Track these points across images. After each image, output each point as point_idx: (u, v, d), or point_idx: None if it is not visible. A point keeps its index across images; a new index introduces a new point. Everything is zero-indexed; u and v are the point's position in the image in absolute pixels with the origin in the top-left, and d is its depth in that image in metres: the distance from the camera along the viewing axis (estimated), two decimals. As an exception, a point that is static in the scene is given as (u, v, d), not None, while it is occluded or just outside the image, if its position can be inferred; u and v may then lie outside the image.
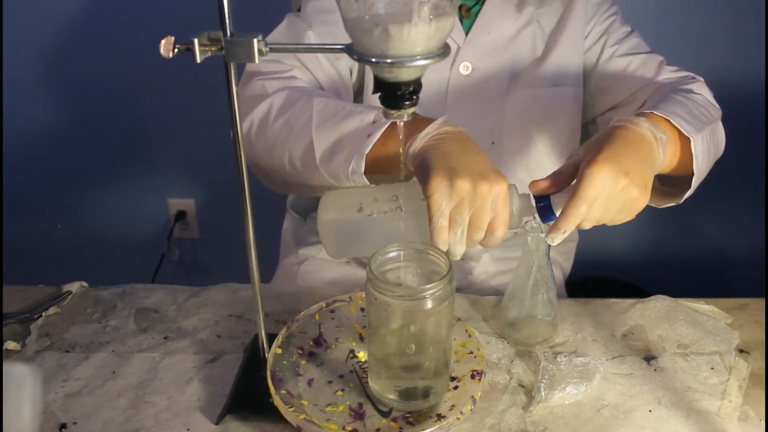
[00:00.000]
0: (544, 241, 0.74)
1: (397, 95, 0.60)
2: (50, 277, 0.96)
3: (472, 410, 0.70)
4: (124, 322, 0.86)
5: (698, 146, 0.78)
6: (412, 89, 0.60)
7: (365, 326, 0.77)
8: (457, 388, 0.72)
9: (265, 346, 0.75)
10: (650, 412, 0.73)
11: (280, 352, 0.76)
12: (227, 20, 0.57)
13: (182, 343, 0.83)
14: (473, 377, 0.73)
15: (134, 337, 0.84)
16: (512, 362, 0.79)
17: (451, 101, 0.98)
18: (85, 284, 0.93)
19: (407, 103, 0.61)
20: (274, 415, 0.70)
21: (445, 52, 0.59)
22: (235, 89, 0.61)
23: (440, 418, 0.69)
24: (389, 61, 0.57)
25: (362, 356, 0.77)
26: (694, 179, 0.81)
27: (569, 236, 0.71)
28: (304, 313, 0.81)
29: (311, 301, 0.86)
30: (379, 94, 0.61)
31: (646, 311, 0.87)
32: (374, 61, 0.57)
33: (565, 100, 0.99)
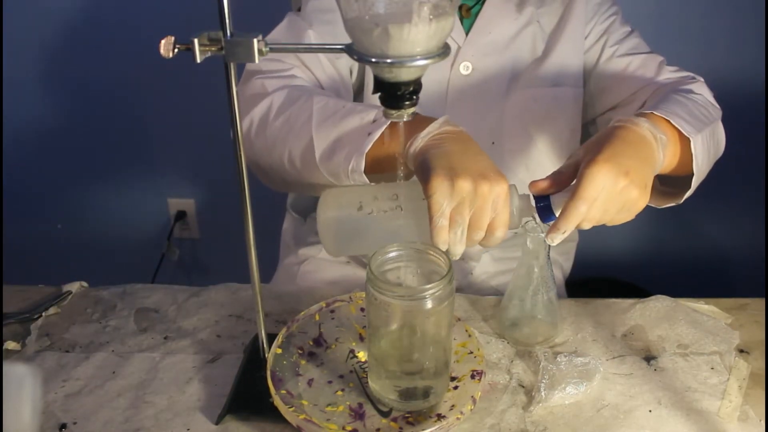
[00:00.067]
0: (544, 241, 0.74)
1: (397, 95, 0.60)
2: (50, 277, 0.96)
3: (472, 410, 0.70)
4: (124, 322, 0.86)
5: (698, 146, 0.78)
6: (412, 89, 0.60)
7: (365, 326, 0.77)
8: (457, 388, 0.72)
9: (265, 346, 0.74)
10: (650, 412, 0.73)
11: (280, 352, 0.76)
12: (227, 20, 0.57)
13: (182, 343, 0.83)
14: (473, 377, 0.73)
15: (134, 337, 0.84)
16: (512, 362, 0.79)
17: (451, 101, 0.98)
18: (85, 284, 0.93)
19: (407, 103, 0.61)
20: (274, 415, 0.70)
21: (445, 52, 0.59)
22: (235, 89, 0.61)
23: (440, 418, 0.69)
24: (389, 61, 0.57)
25: (362, 356, 0.77)
26: (694, 179, 0.81)
27: (569, 236, 0.71)
28: (304, 313, 0.81)
29: (311, 301, 0.86)
30: (379, 94, 0.61)
31: (646, 311, 0.87)
32: (374, 61, 0.57)
33: (565, 100, 0.99)
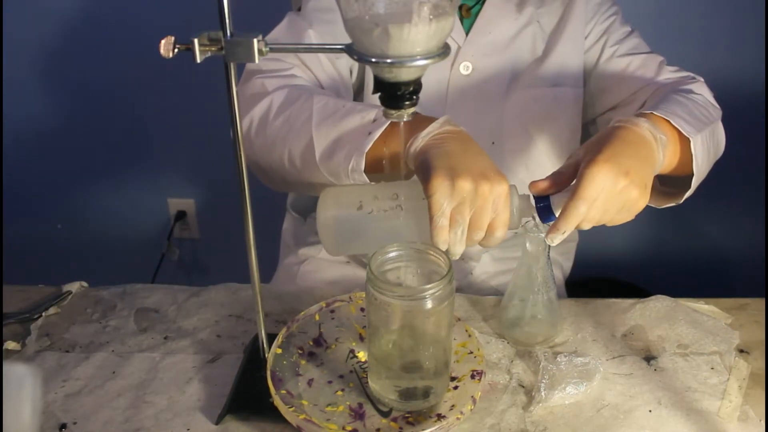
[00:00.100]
0: (543, 241, 0.74)
1: (397, 95, 0.60)
2: (50, 277, 0.96)
3: (472, 410, 0.70)
4: (124, 322, 0.86)
5: (698, 147, 0.78)
6: (412, 89, 0.60)
7: (365, 326, 0.77)
8: (457, 388, 0.72)
9: (265, 346, 0.74)
10: (650, 412, 0.73)
11: (280, 352, 0.76)
12: (227, 20, 0.57)
13: (182, 343, 0.83)
14: (473, 377, 0.73)
15: (134, 337, 0.84)
16: (512, 362, 0.79)
17: (451, 101, 0.98)
18: (85, 284, 0.93)
19: (407, 103, 0.61)
20: (274, 415, 0.70)
21: (445, 52, 0.59)
22: (235, 89, 0.61)
23: (440, 418, 0.69)
24: (389, 61, 0.57)
25: (362, 356, 0.77)
26: (693, 179, 0.81)
27: (569, 236, 0.71)
28: (304, 313, 0.81)
29: (311, 301, 0.86)
30: (379, 94, 0.61)
31: (646, 311, 0.87)
32: (374, 61, 0.57)
33: (565, 100, 0.99)
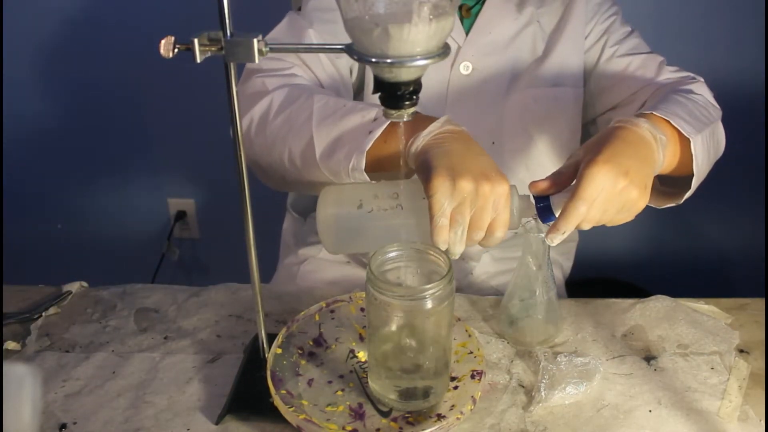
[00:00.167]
0: (543, 241, 0.74)
1: (397, 95, 0.60)
2: (50, 277, 0.96)
3: (472, 410, 0.70)
4: (124, 322, 0.86)
5: (698, 147, 0.78)
6: (412, 89, 0.60)
7: (365, 326, 0.77)
8: (457, 388, 0.72)
9: (265, 346, 0.74)
10: (650, 412, 0.73)
11: (280, 352, 0.76)
12: (227, 20, 0.57)
13: (182, 343, 0.83)
14: (473, 377, 0.73)
15: (134, 337, 0.84)
16: (512, 362, 0.79)
17: (451, 101, 0.98)
18: (85, 284, 0.93)
19: (407, 103, 0.61)
20: (274, 415, 0.70)
21: (445, 52, 0.59)
22: (235, 89, 0.61)
23: (440, 418, 0.69)
24: (389, 61, 0.57)
25: (362, 356, 0.77)
26: (693, 180, 0.81)
27: (569, 236, 0.71)
28: (304, 313, 0.81)
29: (311, 301, 0.86)
30: (379, 94, 0.61)
31: (646, 311, 0.87)
32: (374, 61, 0.57)
33: (565, 100, 0.99)
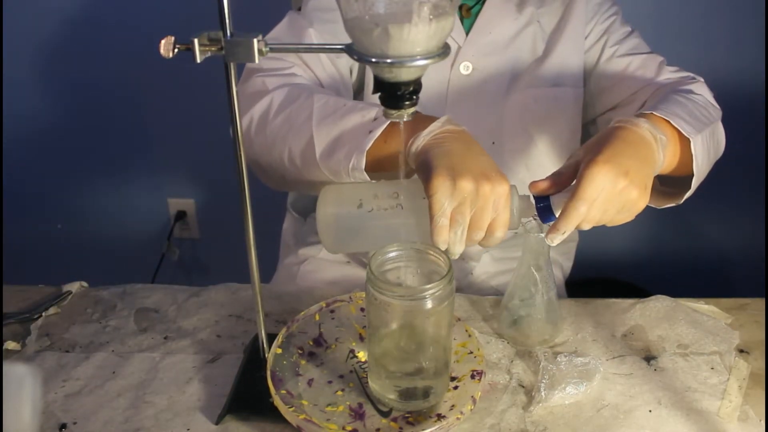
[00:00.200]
0: (543, 241, 0.74)
1: (397, 95, 0.60)
2: (50, 277, 0.96)
3: (472, 410, 0.70)
4: (124, 322, 0.86)
5: (698, 147, 0.78)
6: (412, 89, 0.60)
7: (365, 326, 0.77)
8: (457, 388, 0.72)
9: (265, 346, 0.74)
10: (650, 412, 0.73)
11: (280, 352, 0.76)
12: (227, 20, 0.57)
13: (182, 343, 0.83)
14: (473, 377, 0.73)
15: (134, 337, 0.84)
16: (512, 362, 0.79)
17: (451, 101, 0.98)
18: (85, 284, 0.93)
19: (407, 103, 0.61)
20: (274, 415, 0.70)
21: (445, 52, 0.59)
22: (235, 89, 0.61)
23: (440, 418, 0.69)
24: (389, 61, 0.57)
25: (362, 356, 0.77)
26: (693, 180, 0.81)
27: (569, 236, 0.71)
28: (304, 313, 0.81)
29: (311, 301, 0.86)
30: (379, 94, 0.61)
31: (646, 311, 0.87)
32: (374, 61, 0.57)
33: (565, 100, 0.99)
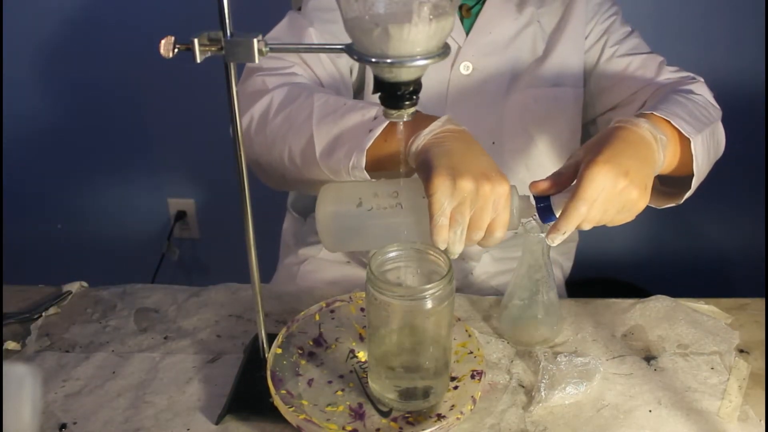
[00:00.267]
0: (544, 241, 0.74)
1: (397, 95, 0.60)
2: (50, 277, 0.96)
3: (472, 410, 0.70)
4: (124, 322, 0.86)
5: (698, 147, 0.78)
6: (412, 89, 0.60)
7: (365, 326, 0.77)
8: (457, 388, 0.72)
9: (265, 346, 0.75)
10: (650, 412, 0.73)
11: (280, 352, 0.76)
12: (227, 20, 0.57)
13: (182, 343, 0.83)
14: (473, 377, 0.73)
15: (134, 337, 0.84)
16: (512, 362, 0.79)
17: (451, 101, 0.98)
18: (85, 284, 0.93)
19: (407, 103, 0.61)
20: (274, 415, 0.70)
21: (445, 52, 0.59)
22: (235, 89, 0.61)
23: (440, 418, 0.69)
24: (389, 61, 0.57)
25: (362, 356, 0.77)
26: (693, 180, 0.81)
27: (569, 236, 0.71)
28: (304, 313, 0.81)
29: (311, 301, 0.86)
30: (379, 94, 0.61)
31: (646, 311, 0.87)
32: (374, 61, 0.57)
33: (565, 100, 0.99)
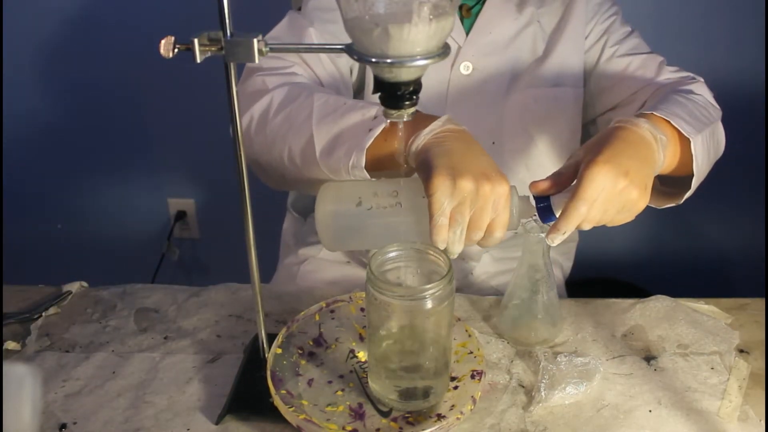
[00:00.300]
0: (543, 241, 0.74)
1: (397, 95, 0.60)
2: (50, 277, 0.96)
3: (472, 410, 0.70)
4: (124, 322, 0.86)
5: (698, 147, 0.78)
6: (412, 89, 0.60)
7: (365, 326, 0.77)
8: (457, 388, 0.72)
9: (265, 346, 0.75)
10: (650, 412, 0.73)
11: (280, 352, 0.76)
12: (227, 20, 0.57)
13: (182, 343, 0.83)
14: (473, 377, 0.73)
15: (134, 337, 0.84)
16: (512, 362, 0.79)
17: (451, 101, 0.98)
18: (85, 284, 0.93)
19: (407, 103, 0.61)
20: (274, 415, 0.70)
21: (445, 52, 0.59)
22: (235, 89, 0.61)
23: (440, 418, 0.69)
24: (389, 61, 0.57)
25: (362, 356, 0.77)
26: (693, 180, 0.81)
27: (569, 236, 0.71)
28: (304, 313, 0.81)
29: (311, 301, 0.86)
30: (379, 93, 0.61)
31: (646, 311, 0.87)
32: (374, 61, 0.57)
33: (565, 100, 0.99)
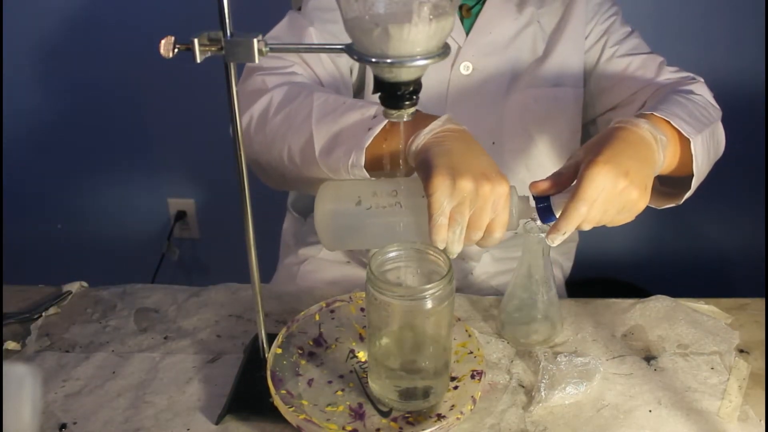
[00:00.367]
0: (543, 241, 0.74)
1: (397, 95, 0.60)
2: (50, 277, 0.96)
3: (472, 410, 0.70)
4: (124, 322, 0.86)
5: (698, 147, 0.78)
6: (412, 89, 0.60)
7: (365, 326, 0.77)
8: (457, 388, 0.72)
9: (265, 346, 0.75)
10: (650, 412, 0.73)
11: (280, 352, 0.76)
12: (227, 20, 0.57)
13: (182, 343, 0.83)
14: (473, 377, 0.73)
15: (134, 337, 0.84)
16: (512, 362, 0.79)
17: (451, 101, 0.98)
18: (85, 284, 0.93)
19: (407, 103, 0.61)
20: (274, 415, 0.70)
21: (445, 52, 0.59)
22: (235, 89, 0.61)
23: (440, 418, 0.69)
24: (389, 61, 0.57)
25: (362, 356, 0.77)
26: (693, 180, 0.81)
27: (569, 236, 0.71)
28: (304, 313, 0.81)
29: (311, 301, 0.86)
30: (379, 93, 0.61)
31: (646, 311, 0.87)
32: (374, 61, 0.57)
33: (565, 100, 0.99)
